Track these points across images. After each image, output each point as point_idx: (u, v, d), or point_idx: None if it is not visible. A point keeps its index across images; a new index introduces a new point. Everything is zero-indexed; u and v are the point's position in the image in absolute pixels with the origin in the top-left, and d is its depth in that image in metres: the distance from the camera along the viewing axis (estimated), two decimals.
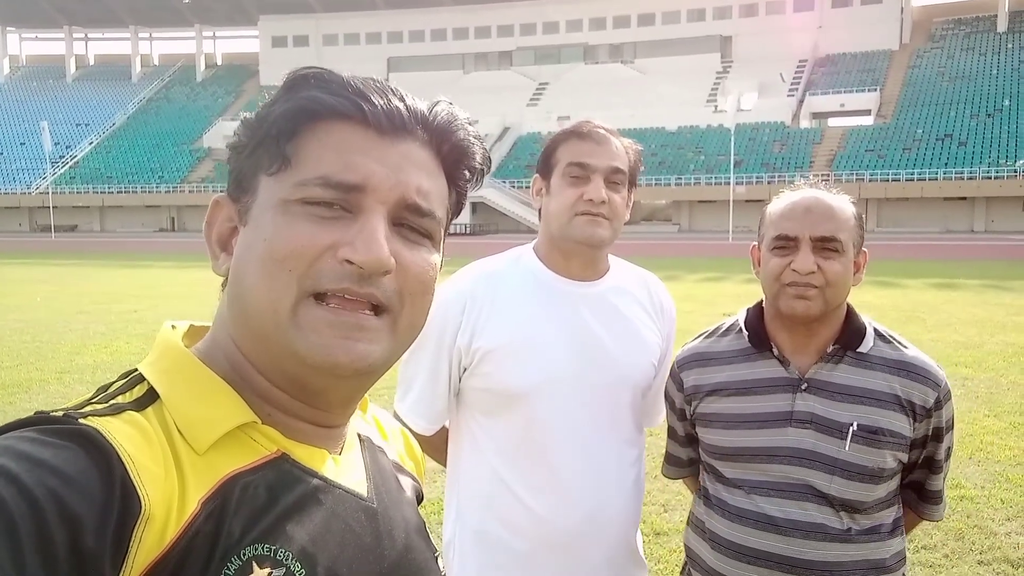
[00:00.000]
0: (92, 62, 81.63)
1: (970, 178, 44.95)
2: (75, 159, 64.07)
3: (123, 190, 59.25)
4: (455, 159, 0.75)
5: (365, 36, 71.25)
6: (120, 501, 0.57)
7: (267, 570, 0.63)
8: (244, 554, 0.62)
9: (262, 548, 0.63)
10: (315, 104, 0.69)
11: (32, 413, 0.60)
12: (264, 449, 0.69)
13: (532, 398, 1.70)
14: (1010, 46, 56.18)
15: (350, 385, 0.72)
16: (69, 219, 59.14)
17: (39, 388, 7.91)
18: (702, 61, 62.86)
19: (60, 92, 74.25)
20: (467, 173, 0.77)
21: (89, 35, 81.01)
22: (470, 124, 0.76)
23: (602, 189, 1.68)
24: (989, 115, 50.01)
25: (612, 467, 1.75)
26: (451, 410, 1.82)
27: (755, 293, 1.79)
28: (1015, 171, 44.70)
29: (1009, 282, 19.06)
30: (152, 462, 0.61)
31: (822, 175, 46.43)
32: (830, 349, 1.67)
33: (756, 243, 1.75)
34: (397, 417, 1.82)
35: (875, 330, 1.71)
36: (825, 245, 1.60)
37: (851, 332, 1.67)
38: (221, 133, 65.81)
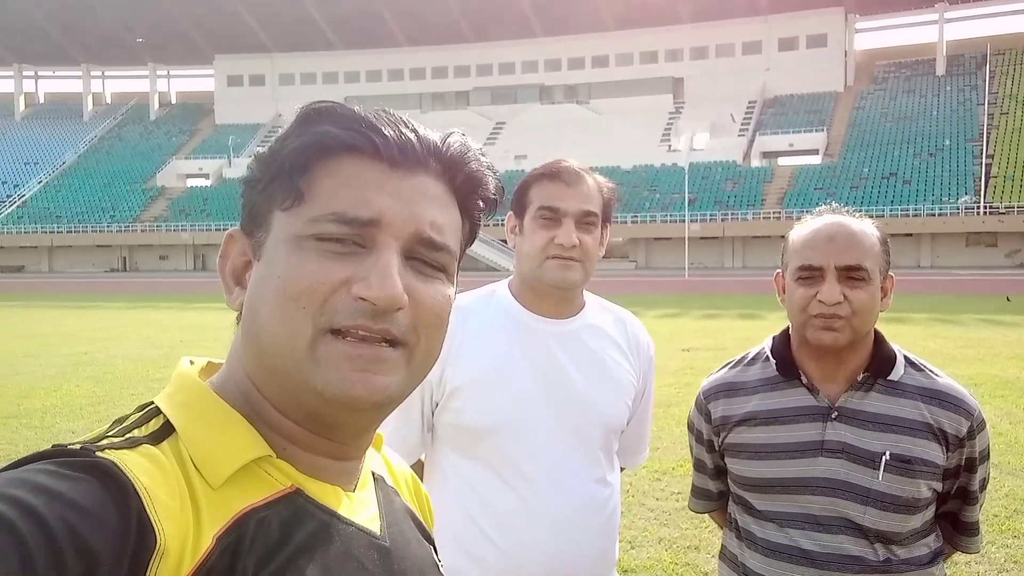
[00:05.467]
0: (42, 100, 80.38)
1: (915, 215, 46.35)
2: (23, 198, 62.69)
3: (73, 230, 58.04)
4: (469, 190, 0.75)
5: (322, 75, 71.37)
6: (136, 535, 0.57)
7: None
8: None
9: None
10: (327, 139, 0.69)
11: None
12: (278, 484, 0.69)
13: (501, 434, 1.69)
14: (948, 88, 58.45)
15: (366, 418, 0.72)
16: (16, 260, 57.72)
17: None
18: (655, 102, 64.21)
19: (8, 131, 72.80)
20: (481, 203, 0.77)
21: (39, 73, 79.83)
22: (483, 155, 0.76)
23: (573, 233, 1.67)
24: (931, 154, 51.80)
25: (582, 506, 1.72)
26: (426, 445, 1.81)
27: (713, 328, 1.80)
28: (957, 208, 46.23)
29: (956, 315, 19.60)
30: (168, 496, 0.61)
31: (773, 213, 47.54)
32: (860, 377, 1.63)
33: (780, 271, 1.71)
34: None
35: (905, 357, 1.67)
36: (851, 275, 1.56)
37: (881, 359, 1.64)
38: (175, 172, 65.12)
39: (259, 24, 68.59)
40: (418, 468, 1.86)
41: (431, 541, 0.88)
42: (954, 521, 1.71)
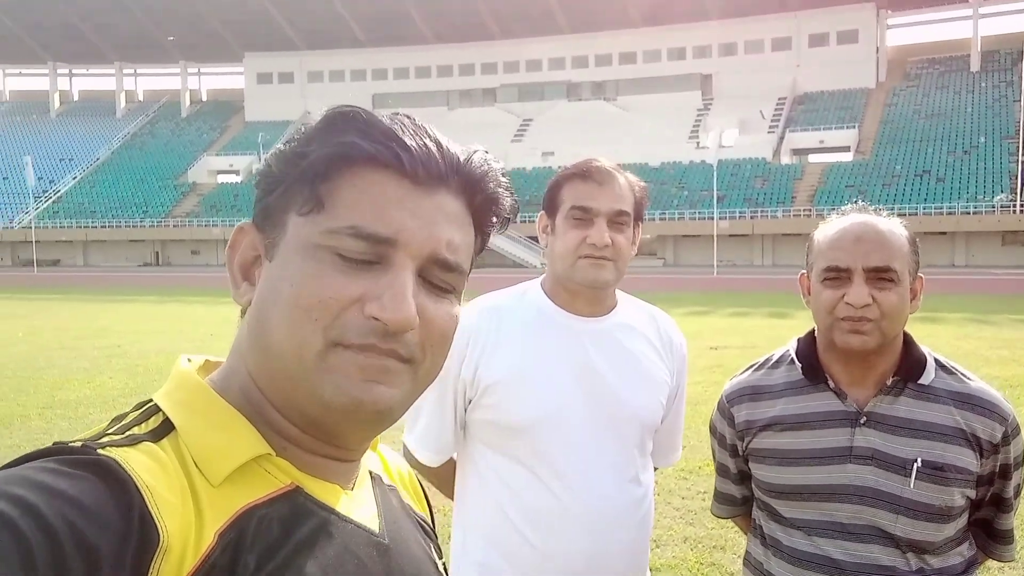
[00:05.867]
0: (76, 97, 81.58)
1: (949, 213, 45.59)
2: (58, 194, 63.72)
3: (107, 224, 58.95)
4: (485, 209, 0.75)
5: (350, 73, 71.72)
6: (138, 532, 0.57)
7: None
8: None
9: None
10: (353, 150, 0.68)
11: (18, 447, 0.66)
12: (278, 481, 0.69)
13: (534, 431, 1.69)
14: (983, 85, 57.37)
15: (368, 428, 0.72)
16: (52, 254, 58.65)
17: (20, 424, 7.79)
18: (683, 98, 63.73)
19: (44, 127, 74.02)
20: (494, 220, 0.77)
21: (73, 71, 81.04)
22: (503, 174, 0.76)
23: (605, 233, 1.68)
24: (965, 152, 50.89)
25: (617, 505, 1.72)
26: (459, 443, 1.82)
27: (741, 326, 1.77)
28: (993, 206, 45.42)
29: (991, 316, 19.26)
30: (169, 493, 0.61)
31: (804, 210, 47.05)
32: (890, 381, 1.58)
33: (805, 271, 1.66)
34: (406, 448, 1.84)
35: (936, 360, 1.63)
36: (879, 275, 1.51)
37: (911, 363, 1.59)
38: (206, 168, 65.86)
39: (288, 22, 69.09)
40: (450, 465, 1.87)
41: (433, 536, 0.89)
42: (988, 529, 1.67)
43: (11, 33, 72.40)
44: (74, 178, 66.05)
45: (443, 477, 1.89)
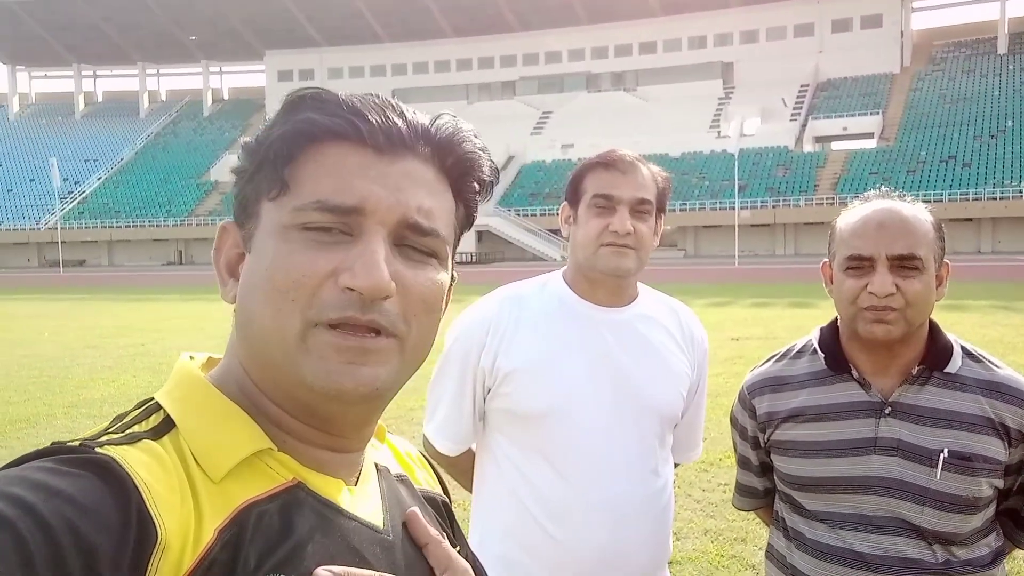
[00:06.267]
0: (100, 99, 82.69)
1: (975, 199, 44.96)
2: (84, 194, 64.60)
3: (131, 224, 59.73)
4: (461, 172, 0.74)
5: (370, 69, 72.05)
6: (136, 530, 0.56)
7: None
8: None
9: None
10: (311, 126, 0.68)
11: (45, 445, 0.60)
12: (280, 477, 0.68)
13: (551, 420, 1.68)
14: (1011, 67, 56.45)
15: (359, 410, 0.71)
16: (77, 254, 59.53)
17: (46, 423, 7.89)
18: (704, 87, 63.32)
19: (69, 128, 75.13)
20: (475, 185, 0.75)
21: (98, 72, 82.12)
22: (475, 136, 0.74)
23: (627, 221, 1.67)
24: (992, 136, 50.14)
25: (635, 496, 1.70)
26: (477, 433, 1.82)
27: (763, 316, 1.73)
28: (1020, 191, 44.70)
29: (1018, 303, 18.95)
30: (168, 491, 0.61)
31: (827, 199, 46.58)
32: (915, 370, 1.55)
33: (827, 260, 1.63)
34: (425, 439, 1.84)
35: (963, 348, 1.59)
36: (903, 263, 1.47)
37: (937, 351, 1.55)
38: (228, 167, 66.02)
39: (308, 19, 69.47)
40: (469, 456, 1.86)
41: (449, 518, 0.87)
42: (1016, 518, 1.62)
43: (37, 35, 73.46)
44: (99, 179, 66.91)
45: (461, 468, 1.88)
